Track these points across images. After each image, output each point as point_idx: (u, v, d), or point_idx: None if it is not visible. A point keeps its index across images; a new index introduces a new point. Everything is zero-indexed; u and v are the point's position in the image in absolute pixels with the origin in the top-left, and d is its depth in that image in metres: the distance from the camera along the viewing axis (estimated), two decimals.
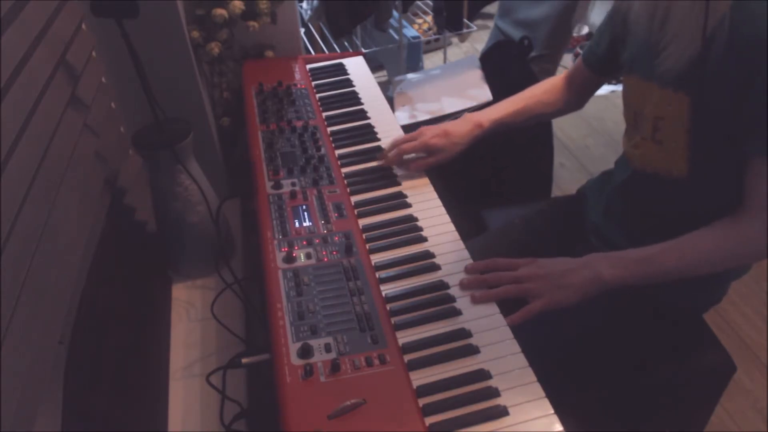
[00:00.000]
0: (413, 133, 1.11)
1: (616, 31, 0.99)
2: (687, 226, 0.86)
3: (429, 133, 1.08)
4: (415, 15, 2.77)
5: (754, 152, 0.79)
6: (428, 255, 0.90)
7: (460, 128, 1.10)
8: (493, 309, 0.81)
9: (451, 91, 1.81)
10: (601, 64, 1.08)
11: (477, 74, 1.85)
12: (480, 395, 0.70)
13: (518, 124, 1.16)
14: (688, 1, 0.78)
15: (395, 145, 1.09)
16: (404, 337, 0.77)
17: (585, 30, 3.17)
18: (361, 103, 1.28)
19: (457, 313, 0.80)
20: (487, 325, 0.78)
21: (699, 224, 0.86)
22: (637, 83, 0.93)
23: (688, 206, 0.91)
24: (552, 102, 1.17)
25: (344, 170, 1.07)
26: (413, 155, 1.08)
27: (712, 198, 0.88)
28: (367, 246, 0.91)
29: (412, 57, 2.62)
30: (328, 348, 0.73)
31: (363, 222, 0.96)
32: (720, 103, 0.80)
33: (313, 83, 1.35)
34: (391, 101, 1.84)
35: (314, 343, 0.74)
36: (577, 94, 1.17)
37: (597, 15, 3.13)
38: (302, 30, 2.03)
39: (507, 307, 0.81)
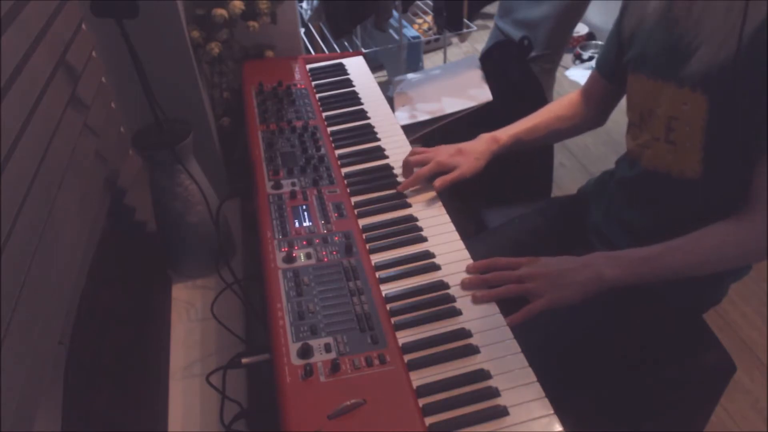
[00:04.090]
0: (424, 150, 1.07)
1: (625, 31, 0.98)
2: (693, 226, 0.85)
3: (443, 153, 1.05)
4: (415, 15, 2.76)
5: (762, 149, 0.79)
6: (428, 255, 0.90)
7: (476, 146, 1.07)
8: (493, 309, 0.81)
9: (451, 91, 1.81)
10: (614, 69, 1.05)
11: (477, 74, 1.85)
12: (480, 395, 0.70)
13: (536, 141, 1.13)
14: (725, 3, 0.77)
15: (408, 165, 1.04)
16: (404, 337, 0.77)
17: (585, 30, 3.17)
18: (361, 103, 1.28)
19: (457, 313, 0.80)
20: (487, 325, 0.78)
21: (706, 225, 0.86)
22: (646, 82, 0.92)
23: (697, 207, 0.91)
24: (569, 117, 1.14)
25: (344, 170, 1.07)
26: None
27: (723, 199, 0.88)
28: (367, 246, 0.91)
29: (412, 57, 2.62)
30: (328, 348, 0.73)
31: (363, 222, 0.96)
32: (739, 102, 0.80)
33: (313, 83, 1.35)
34: (391, 101, 1.84)
35: (314, 343, 0.74)
36: (596, 108, 1.14)
37: (596, 15, 3.13)
38: (302, 30, 2.03)
39: (507, 307, 0.81)
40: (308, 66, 1.41)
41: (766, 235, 0.80)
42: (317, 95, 1.30)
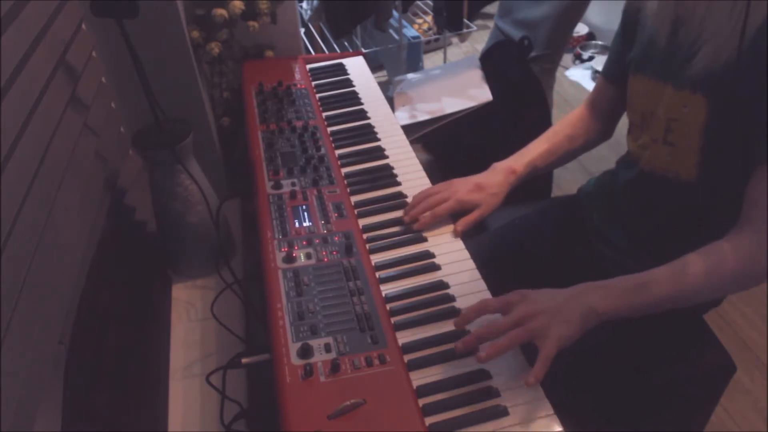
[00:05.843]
0: (441, 187, 1.01)
1: (627, 33, 0.98)
2: (691, 227, 0.85)
3: (462, 189, 1.01)
4: (415, 15, 2.76)
5: (760, 160, 0.78)
6: (428, 255, 0.90)
7: (494, 179, 1.04)
8: None
9: (451, 91, 1.81)
10: (620, 72, 1.02)
11: (477, 74, 1.85)
12: (480, 395, 0.70)
13: (550, 166, 1.11)
14: (727, 3, 0.77)
15: (422, 201, 0.98)
16: (404, 337, 0.77)
17: (585, 30, 3.18)
18: (361, 103, 1.28)
19: (456, 313, 0.80)
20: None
21: (703, 227, 0.85)
22: (647, 83, 0.92)
23: (694, 210, 0.91)
24: (580, 134, 1.12)
25: (344, 170, 1.07)
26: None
27: (719, 202, 0.87)
28: (367, 246, 0.91)
29: (412, 57, 2.62)
30: (328, 348, 0.73)
31: (363, 222, 0.96)
32: (739, 107, 0.79)
33: (313, 83, 1.35)
34: (391, 101, 1.84)
35: (314, 343, 0.74)
36: (604, 119, 1.12)
37: (596, 15, 3.13)
38: (302, 30, 2.03)
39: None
40: (308, 66, 1.41)
41: (765, 251, 0.76)
42: (317, 95, 1.30)
